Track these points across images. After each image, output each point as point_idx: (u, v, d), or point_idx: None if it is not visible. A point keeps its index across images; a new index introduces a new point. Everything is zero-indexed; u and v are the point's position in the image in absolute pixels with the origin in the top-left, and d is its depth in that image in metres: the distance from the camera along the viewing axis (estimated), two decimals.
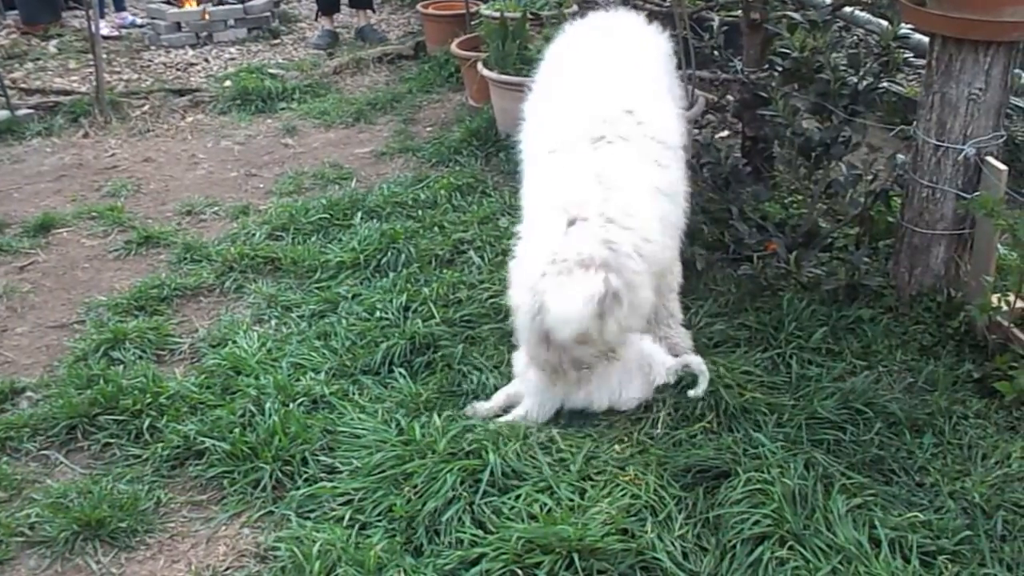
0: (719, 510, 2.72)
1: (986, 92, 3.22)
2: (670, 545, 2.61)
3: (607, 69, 3.41)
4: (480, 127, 5.72)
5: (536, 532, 2.59)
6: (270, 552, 2.76)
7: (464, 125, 5.86)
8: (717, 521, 2.70)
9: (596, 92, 3.28)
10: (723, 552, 2.61)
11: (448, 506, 2.76)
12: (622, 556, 2.55)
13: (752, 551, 2.58)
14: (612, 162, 3.09)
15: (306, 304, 4.04)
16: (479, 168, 5.33)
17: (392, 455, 2.98)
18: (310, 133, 6.27)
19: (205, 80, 7.29)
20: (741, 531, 2.63)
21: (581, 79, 3.39)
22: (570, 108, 3.28)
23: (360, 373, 3.54)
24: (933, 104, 3.34)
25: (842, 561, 2.54)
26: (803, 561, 2.54)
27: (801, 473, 2.81)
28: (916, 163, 3.50)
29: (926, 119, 3.39)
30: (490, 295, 3.92)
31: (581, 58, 3.57)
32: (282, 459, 3.04)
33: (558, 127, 3.26)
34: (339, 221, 4.70)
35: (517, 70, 5.42)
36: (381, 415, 3.23)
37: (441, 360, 3.56)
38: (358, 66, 7.35)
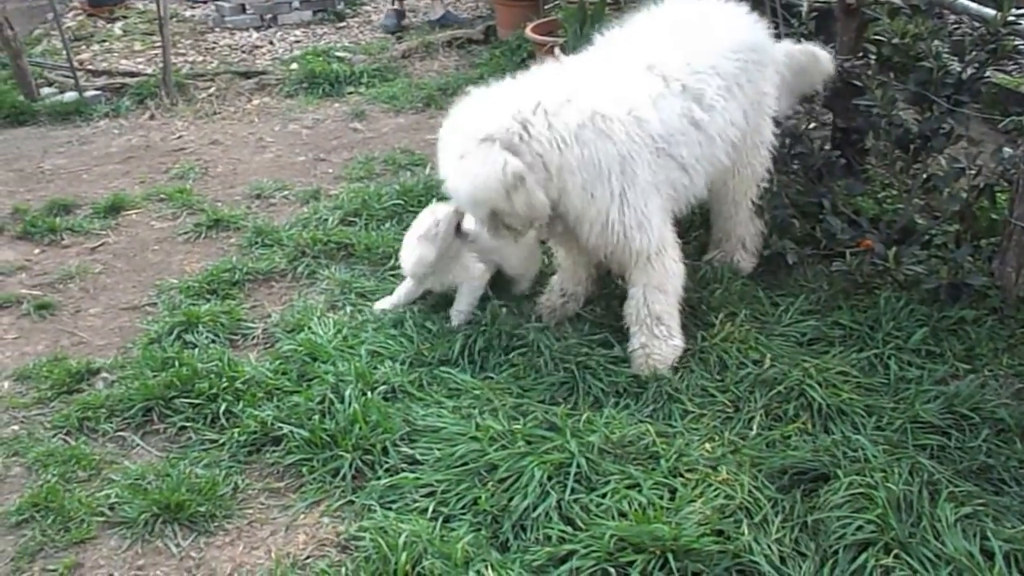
0: (819, 514, 2.68)
1: None
2: (767, 548, 2.58)
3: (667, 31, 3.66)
4: None
5: (629, 530, 2.57)
6: (352, 542, 2.77)
7: None
8: (816, 526, 2.66)
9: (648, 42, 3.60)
10: (823, 558, 2.58)
11: (537, 501, 2.75)
12: (718, 558, 2.53)
13: (855, 558, 2.54)
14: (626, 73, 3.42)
15: (381, 291, 4.05)
16: None
17: (474, 448, 2.98)
18: (379, 118, 6.30)
19: (271, 63, 7.37)
20: (843, 537, 2.58)
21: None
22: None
23: (437, 364, 3.54)
24: None
25: (952, 572, 2.48)
26: (910, 571, 2.49)
27: (905, 479, 2.75)
28: None
29: None
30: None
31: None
32: (362, 448, 3.06)
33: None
34: (413, 208, 4.71)
35: None
36: (460, 407, 3.24)
37: (519, 351, 3.54)
38: (427, 50, 7.37)
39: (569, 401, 3.31)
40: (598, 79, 3.37)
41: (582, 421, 3.10)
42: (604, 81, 3.36)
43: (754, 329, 3.61)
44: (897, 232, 4.05)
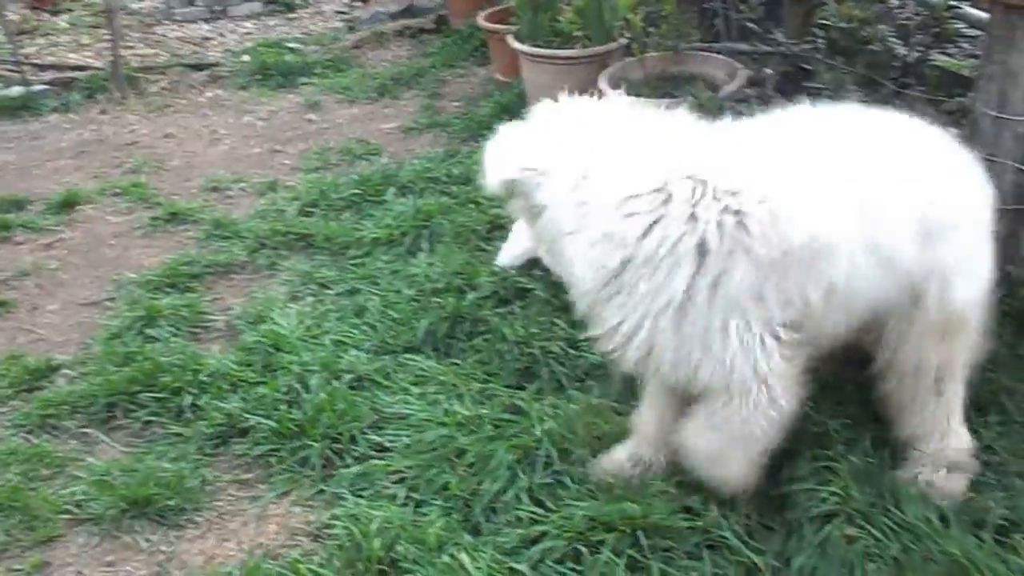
0: (784, 488, 2.70)
1: None
2: (735, 523, 2.60)
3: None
4: (510, 102, 5.69)
5: (599, 510, 2.58)
6: (324, 530, 2.76)
7: (493, 100, 5.83)
8: (782, 500, 2.69)
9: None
10: (790, 530, 2.60)
11: (507, 485, 2.76)
12: (687, 534, 2.54)
13: (820, 529, 2.56)
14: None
15: (342, 281, 4.03)
16: None
17: (442, 433, 2.97)
18: (333, 108, 6.24)
19: (222, 55, 7.27)
20: (808, 509, 2.61)
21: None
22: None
23: (402, 351, 3.53)
24: (993, 75, 3.30)
25: (912, 539, 2.51)
26: (872, 540, 2.51)
27: (866, 450, 2.79)
28: (973, 135, 3.46)
29: (986, 90, 3.35)
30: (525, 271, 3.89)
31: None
32: (330, 437, 3.04)
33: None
34: (371, 197, 4.69)
35: (548, 43, 5.39)
36: (426, 393, 3.23)
37: (483, 337, 3.54)
38: (379, 40, 7.31)
39: (533, 385, 3.32)
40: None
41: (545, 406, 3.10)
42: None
43: None
44: None
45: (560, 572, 2.50)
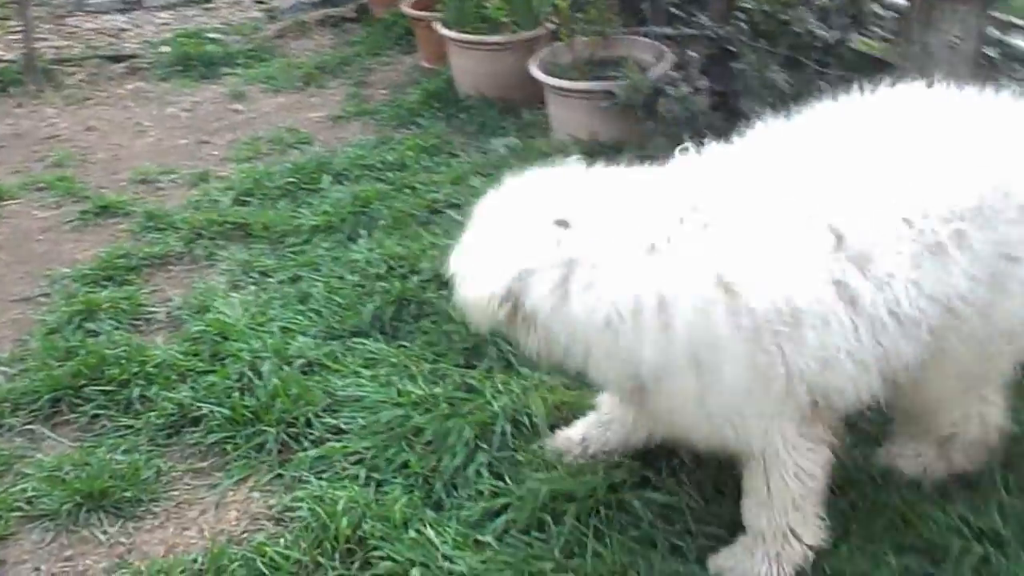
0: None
1: (964, 41, 3.34)
2: (691, 492, 2.68)
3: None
4: (439, 88, 5.71)
5: (561, 483, 2.64)
6: (286, 513, 2.76)
7: (421, 87, 5.84)
8: (732, 462, 2.78)
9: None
10: (740, 493, 2.69)
11: (466, 461, 2.80)
12: (648, 503, 2.62)
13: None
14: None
15: (283, 269, 4.01)
16: (443, 129, 5.31)
17: (398, 414, 3.00)
18: (259, 98, 6.17)
19: (140, 46, 7.11)
20: None
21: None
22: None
23: (349, 335, 3.54)
24: (913, 55, 3.46)
25: (852, 497, 2.63)
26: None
27: None
28: None
29: (907, 69, 3.49)
30: None
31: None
32: (286, 422, 3.04)
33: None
34: (307, 185, 4.66)
35: (476, 29, 5.42)
36: (377, 376, 3.25)
37: (429, 319, 3.57)
38: (301, 30, 7.23)
39: (483, 364, 3.36)
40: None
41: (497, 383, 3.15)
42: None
43: None
44: None
45: (525, 542, 2.55)
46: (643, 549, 2.52)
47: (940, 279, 2.11)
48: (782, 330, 2.03)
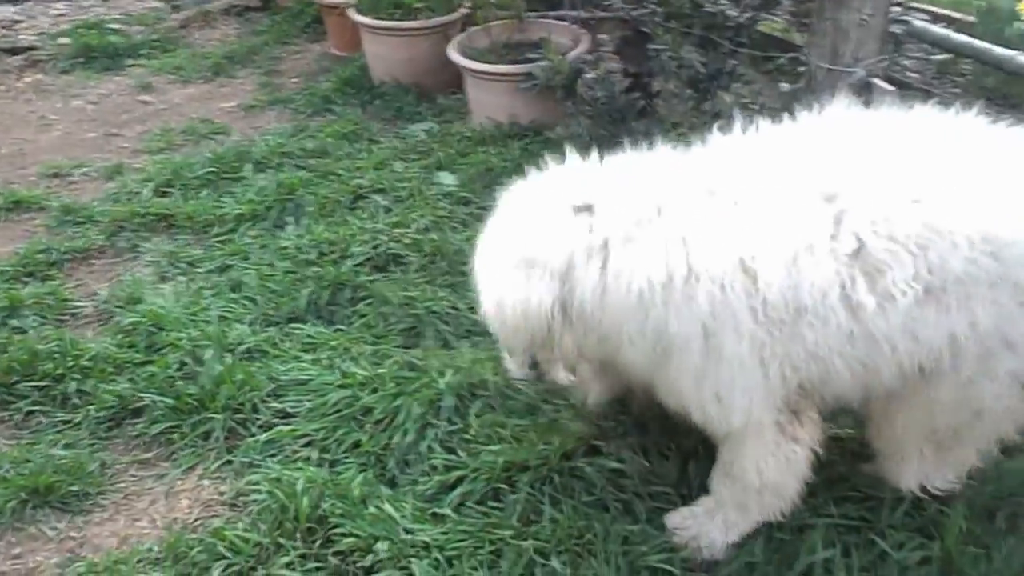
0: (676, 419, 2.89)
1: (873, 17, 3.49)
2: (639, 456, 2.76)
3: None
4: (353, 75, 5.69)
5: (515, 454, 2.69)
6: (240, 498, 2.76)
7: (335, 74, 5.81)
8: (675, 427, 2.87)
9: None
10: (686, 457, 2.77)
11: (417, 437, 2.83)
12: (598, 468, 2.68)
13: (713, 453, 2.76)
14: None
15: (210, 259, 3.96)
16: (359, 116, 5.29)
17: (345, 395, 3.01)
18: (168, 89, 6.04)
19: (38, 38, 6.87)
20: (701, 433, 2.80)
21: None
22: None
23: (286, 322, 3.53)
24: (826, 31, 3.59)
25: None
26: None
27: None
28: (810, 87, 3.75)
29: (820, 45, 3.63)
30: (395, 238, 3.94)
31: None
32: (231, 408, 3.03)
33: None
34: (228, 175, 4.60)
35: (391, 15, 5.41)
36: (319, 359, 3.26)
37: (365, 302, 3.58)
38: (205, 19, 7.09)
39: (421, 344, 3.39)
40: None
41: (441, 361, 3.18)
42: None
43: None
44: None
45: (482, 512, 2.60)
46: (597, 513, 2.59)
47: (941, 322, 2.07)
48: (784, 319, 2.09)
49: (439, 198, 4.32)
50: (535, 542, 2.47)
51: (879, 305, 2.05)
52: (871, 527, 2.46)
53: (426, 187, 4.41)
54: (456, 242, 3.90)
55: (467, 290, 3.63)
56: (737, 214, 2.13)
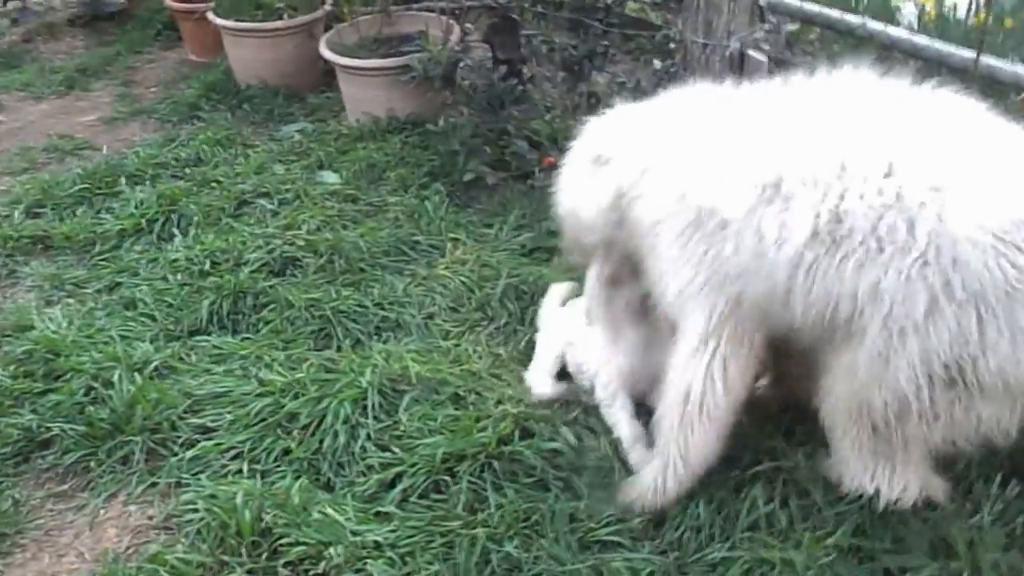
0: None
1: None
2: (567, 433, 2.76)
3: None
4: (217, 80, 5.47)
5: (452, 445, 2.65)
6: (172, 520, 2.62)
7: (197, 80, 5.57)
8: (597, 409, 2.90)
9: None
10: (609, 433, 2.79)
11: (348, 438, 2.75)
12: (535, 449, 2.67)
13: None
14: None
15: (97, 278, 3.75)
16: (229, 121, 5.10)
17: (267, 403, 2.90)
18: (19, 107, 5.66)
19: None
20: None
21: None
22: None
23: (188, 335, 3.38)
24: (699, 6, 3.66)
25: None
26: None
27: None
28: (686, 62, 3.82)
29: (693, 20, 3.70)
30: (288, 240, 3.82)
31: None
32: (149, 429, 2.87)
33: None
34: (102, 190, 4.35)
35: (252, 16, 5.23)
36: (231, 370, 3.13)
37: (269, 308, 3.46)
38: (50, 32, 6.68)
39: (332, 346, 3.30)
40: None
41: (358, 360, 3.10)
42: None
43: (479, 250, 3.77)
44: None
45: (426, 506, 2.55)
46: (539, 493, 2.58)
47: (842, 274, 2.11)
48: (714, 229, 2.24)
49: (325, 197, 4.21)
50: (485, 529, 2.44)
51: (778, 236, 2.14)
52: (808, 477, 2.52)
53: (310, 187, 4.28)
54: (351, 240, 3.81)
55: (371, 287, 3.58)
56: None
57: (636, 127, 2.58)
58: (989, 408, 2.14)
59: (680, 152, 2.37)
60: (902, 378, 2.10)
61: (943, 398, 2.13)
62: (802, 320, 2.21)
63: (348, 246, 3.76)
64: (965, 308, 2.00)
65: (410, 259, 3.79)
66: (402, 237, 3.89)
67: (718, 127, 2.36)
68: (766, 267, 2.18)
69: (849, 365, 2.19)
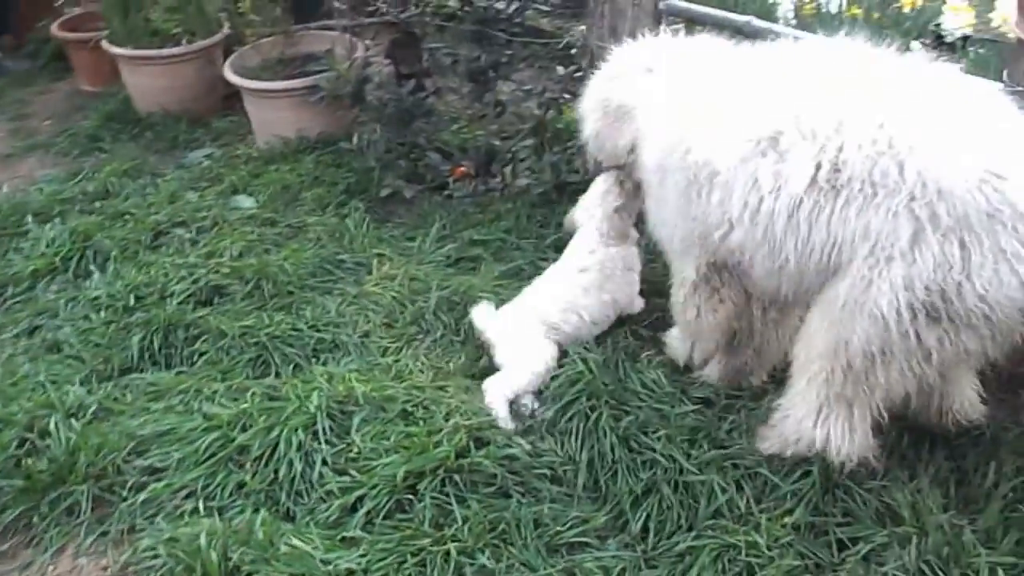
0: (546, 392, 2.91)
1: None
2: (522, 441, 2.75)
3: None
4: (116, 110, 5.26)
5: (410, 463, 2.60)
6: (129, 569, 2.49)
7: (95, 111, 5.34)
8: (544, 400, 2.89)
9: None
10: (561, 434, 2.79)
11: (304, 466, 2.68)
12: (493, 457, 2.65)
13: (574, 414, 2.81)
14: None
15: (13, 323, 3.56)
16: (133, 151, 4.89)
17: (215, 437, 2.79)
18: None
19: None
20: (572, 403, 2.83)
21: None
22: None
23: (119, 374, 3.24)
24: (604, 12, 3.69)
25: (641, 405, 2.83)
26: (610, 409, 2.78)
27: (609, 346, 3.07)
28: (592, 66, 3.84)
29: (598, 27, 3.74)
30: (212, 269, 3.69)
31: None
32: (93, 476, 2.73)
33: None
34: (7, 230, 4.14)
35: (149, 43, 5.05)
36: (171, 406, 3.01)
37: (201, 340, 3.34)
38: None
39: (271, 372, 3.21)
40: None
41: (300, 384, 3.02)
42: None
43: (406, 264, 3.72)
44: (483, 155, 4.37)
45: (392, 526, 2.50)
46: (502, 502, 2.57)
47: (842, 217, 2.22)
48: (703, 182, 2.45)
49: (243, 222, 4.09)
50: (455, 544, 2.41)
51: (774, 185, 2.29)
52: (756, 460, 2.57)
53: (227, 213, 4.16)
54: (276, 263, 3.71)
55: (302, 309, 3.49)
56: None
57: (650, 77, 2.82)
58: (973, 341, 2.18)
59: (683, 109, 2.60)
60: (884, 303, 2.16)
61: (930, 333, 2.16)
62: (796, 266, 2.32)
63: (274, 270, 3.66)
64: (949, 235, 2.08)
65: (338, 278, 3.72)
66: (327, 257, 3.81)
67: (722, 85, 2.56)
68: (761, 216, 2.32)
69: (831, 298, 2.28)
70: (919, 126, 2.17)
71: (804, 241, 2.27)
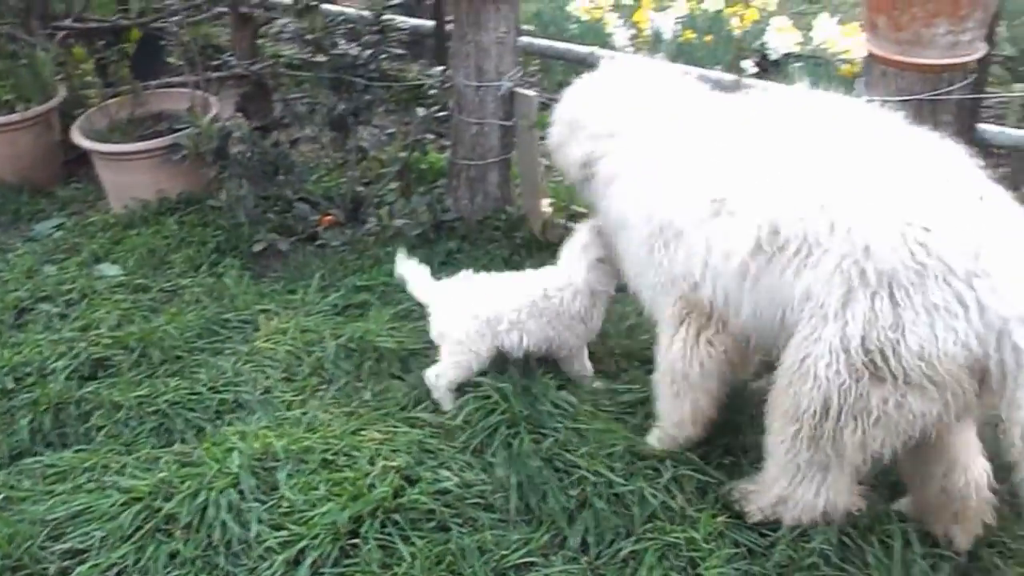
0: (469, 427, 2.99)
1: (508, 34, 3.81)
2: (457, 473, 2.83)
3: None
4: None
5: (349, 509, 2.63)
6: None
7: None
8: (466, 428, 2.98)
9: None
10: (481, 445, 2.91)
11: (237, 525, 2.66)
12: (426, 491, 2.72)
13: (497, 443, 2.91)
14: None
15: None
16: None
17: (138, 510, 2.73)
18: None
19: None
20: (492, 428, 2.94)
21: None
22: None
23: (10, 461, 3.10)
24: (469, 52, 3.84)
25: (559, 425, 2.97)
26: (528, 432, 2.90)
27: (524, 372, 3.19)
28: (460, 106, 3.99)
29: (464, 66, 3.89)
30: (92, 341, 3.59)
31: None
32: (9, 568, 2.61)
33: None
34: None
35: None
36: (79, 486, 2.91)
37: (96, 415, 3.25)
38: None
39: (176, 439, 3.16)
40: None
41: (214, 446, 2.99)
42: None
43: (293, 317, 3.73)
44: (350, 202, 4.43)
45: (340, 573, 2.52)
46: (443, 535, 2.63)
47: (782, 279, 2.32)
48: (668, 236, 2.58)
49: (113, 291, 3.99)
50: None
51: (726, 248, 2.41)
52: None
53: (94, 283, 4.04)
54: (160, 329, 3.64)
55: (196, 372, 3.45)
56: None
57: (608, 101, 2.95)
58: (919, 401, 2.15)
59: (647, 163, 2.72)
60: (821, 365, 2.18)
61: (874, 394, 2.17)
62: (757, 326, 2.45)
63: (159, 336, 3.59)
64: (879, 292, 2.12)
65: (225, 338, 3.68)
66: (211, 317, 3.77)
67: (684, 139, 2.66)
68: (720, 277, 2.45)
69: (786, 361, 2.32)
70: (849, 182, 2.22)
71: (758, 303, 2.37)
